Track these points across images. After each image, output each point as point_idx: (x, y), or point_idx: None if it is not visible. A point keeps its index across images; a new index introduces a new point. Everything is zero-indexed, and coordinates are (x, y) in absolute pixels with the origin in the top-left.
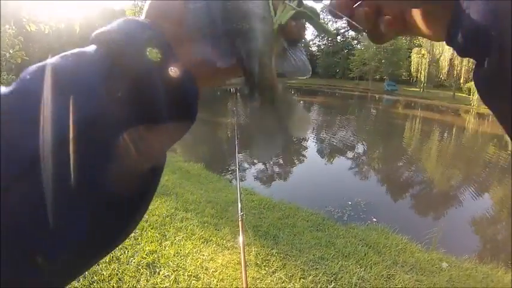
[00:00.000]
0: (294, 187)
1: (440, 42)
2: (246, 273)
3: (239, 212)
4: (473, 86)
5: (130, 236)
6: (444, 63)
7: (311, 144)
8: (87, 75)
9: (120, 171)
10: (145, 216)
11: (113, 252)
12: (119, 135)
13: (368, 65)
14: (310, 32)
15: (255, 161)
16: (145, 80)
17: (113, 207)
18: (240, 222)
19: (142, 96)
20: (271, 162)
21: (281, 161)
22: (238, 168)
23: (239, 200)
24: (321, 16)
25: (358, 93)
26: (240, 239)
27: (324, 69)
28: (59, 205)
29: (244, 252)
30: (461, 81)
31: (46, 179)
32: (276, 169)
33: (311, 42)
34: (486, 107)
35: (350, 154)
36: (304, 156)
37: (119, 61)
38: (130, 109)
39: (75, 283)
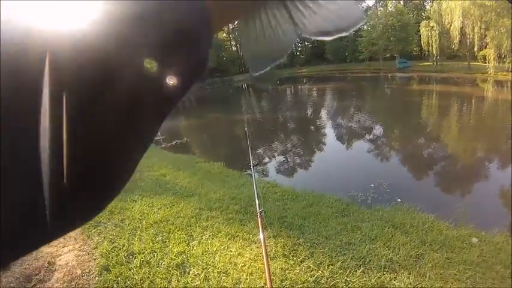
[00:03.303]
0: (316, 175)
1: (448, 11)
2: (269, 271)
3: (257, 209)
4: (488, 53)
5: (158, 239)
6: (455, 33)
7: (329, 131)
8: None
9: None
10: (171, 218)
11: (142, 256)
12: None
13: (377, 44)
14: None
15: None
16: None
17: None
18: (259, 218)
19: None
20: (291, 153)
21: (300, 150)
22: (253, 167)
23: (256, 197)
24: None
25: (370, 74)
26: (261, 236)
27: (333, 54)
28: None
29: (266, 250)
30: (475, 49)
31: None
32: (297, 159)
33: None
34: (504, 74)
35: (368, 137)
36: (323, 143)
37: None
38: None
39: None
